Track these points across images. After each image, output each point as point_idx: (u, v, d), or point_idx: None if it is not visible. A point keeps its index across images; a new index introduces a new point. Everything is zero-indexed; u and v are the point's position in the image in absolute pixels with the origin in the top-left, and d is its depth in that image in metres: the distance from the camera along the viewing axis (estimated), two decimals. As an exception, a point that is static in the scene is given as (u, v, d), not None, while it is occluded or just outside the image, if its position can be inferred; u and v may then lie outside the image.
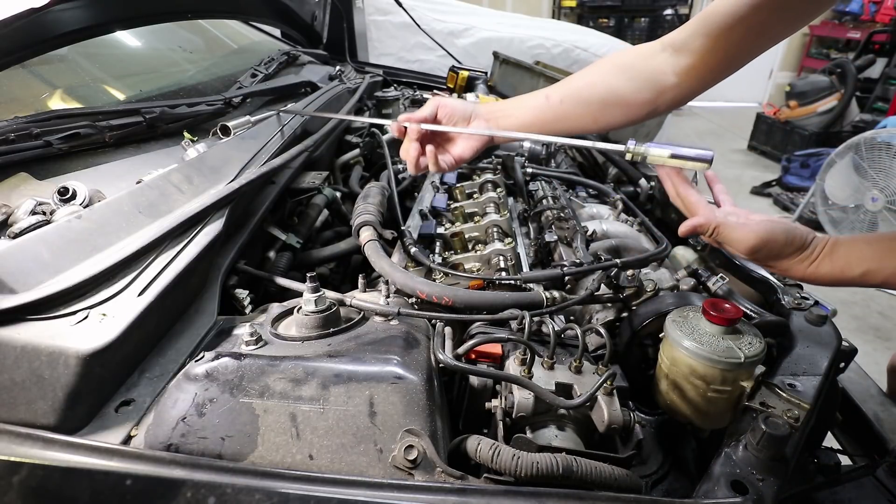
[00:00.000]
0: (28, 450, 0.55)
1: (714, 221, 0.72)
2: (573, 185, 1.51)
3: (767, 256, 0.71)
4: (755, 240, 0.70)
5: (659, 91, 0.86)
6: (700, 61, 0.81)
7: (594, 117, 0.89)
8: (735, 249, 0.72)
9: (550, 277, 0.91)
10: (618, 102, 0.88)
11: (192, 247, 0.77)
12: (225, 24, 1.92)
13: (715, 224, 0.72)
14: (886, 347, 2.71)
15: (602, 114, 0.89)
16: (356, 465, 0.56)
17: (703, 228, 0.73)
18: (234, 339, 0.71)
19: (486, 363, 0.74)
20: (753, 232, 0.70)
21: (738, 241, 0.71)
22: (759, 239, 0.70)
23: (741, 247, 0.71)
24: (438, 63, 3.47)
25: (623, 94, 0.87)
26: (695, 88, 0.86)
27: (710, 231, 0.73)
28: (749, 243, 0.70)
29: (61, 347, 0.58)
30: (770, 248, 0.70)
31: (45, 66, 1.16)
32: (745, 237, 0.70)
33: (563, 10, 7.03)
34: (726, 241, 0.72)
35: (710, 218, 0.73)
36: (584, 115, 0.89)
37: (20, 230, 0.73)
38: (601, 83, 0.88)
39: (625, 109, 0.88)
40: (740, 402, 0.66)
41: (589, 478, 0.56)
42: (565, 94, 0.88)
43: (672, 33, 0.84)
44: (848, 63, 5.04)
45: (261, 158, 1.02)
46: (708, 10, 0.78)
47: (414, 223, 1.11)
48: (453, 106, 0.88)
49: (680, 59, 0.83)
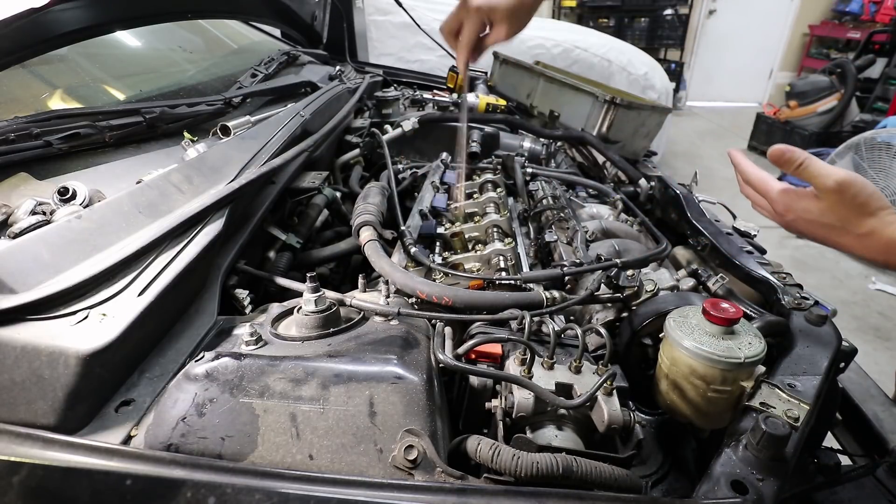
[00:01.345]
0: (28, 450, 0.55)
1: (804, 153, 0.67)
2: (573, 185, 1.51)
3: (852, 202, 0.64)
4: (846, 175, 0.64)
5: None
6: None
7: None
8: (822, 184, 0.65)
9: (550, 277, 0.91)
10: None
11: (192, 247, 0.77)
12: (225, 24, 1.92)
13: (805, 156, 0.66)
14: (886, 347, 2.72)
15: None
16: (356, 465, 0.56)
17: (793, 155, 0.67)
18: (234, 339, 0.71)
19: (486, 363, 0.74)
20: (844, 170, 0.64)
21: (827, 174, 0.64)
22: (849, 176, 0.64)
23: (829, 181, 0.64)
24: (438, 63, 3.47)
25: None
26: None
27: (798, 160, 0.66)
28: (838, 176, 0.64)
29: (61, 347, 0.58)
30: (858, 191, 0.64)
31: (45, 66, 1.16)
32: (835, 171, 0.64)
33: (563, 10, 7.03)
34: (815, 172, 0.66)
35: (798, 151, 0.67)
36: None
37: (20, 230, 0.73)
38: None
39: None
40: (740, 402, 0.66)
41: (589, 478, 0.56)
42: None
43: None
44: (848, 63, 5.04)
45: (261, 158, 1.02)
46: None
47: (414, 223, 1.11)
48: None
49: None
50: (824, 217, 0.67)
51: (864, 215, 0.64)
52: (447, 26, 0.93)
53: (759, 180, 0.75)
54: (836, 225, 0.67)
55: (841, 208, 0.65)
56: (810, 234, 0.71)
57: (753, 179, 0.76)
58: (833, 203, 0.66)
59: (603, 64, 3.87)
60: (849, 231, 0.66)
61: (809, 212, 0.68)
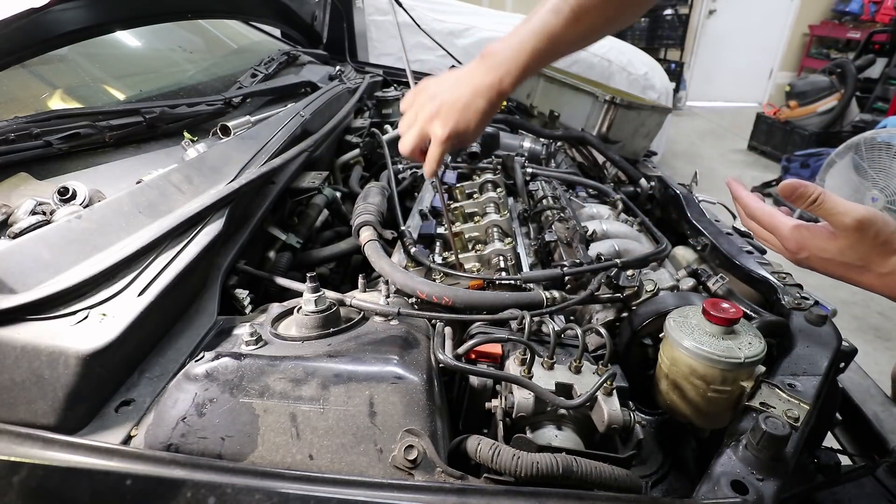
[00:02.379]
0: (28, 450, 0.55)
1: (818, 188, 0.62)
2: (573, 185, 1.51)
3: (874, 241, 0.60)
4: (865, 212, 0.59)
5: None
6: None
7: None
8: (840, 222, 0.61)
9: (550, 277, 0.91)
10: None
11: (192, 247, 0.77)
12: (225, 24, 1.92)
13: (819, 191, 0.62)
14: (886, 347, 2.72)
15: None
16: (356, 465, 0.56)
17: (806, 191, 0.62)
18: (234, 339, 0.71)
19: (486, 363, 0.74)
20: (862, 206, 0.60)
21: (845, 212, 0.60)
22: (869, 213, 0.59)
23: (848, 218, 0.60)
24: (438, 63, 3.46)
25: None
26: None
27: (813, 196, 0.62)
28: (857, 214, 0.59)
29: (61, 347, 0.58)
30: (879, 229, 0.59)
31: (45, 66, 1.16)
32: (853, 208, 0.60)
33: (563, 10, 7.02)
34: (831, 209, 0.61)
35: (812, 185, 0.63)
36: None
37: (20, 230, 0.73)
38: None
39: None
40: (740, 402, 0.66)
41: (589, 478, 0.56)
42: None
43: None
44: (848, 63, 5.04)
45: (261, 158, 1.02)
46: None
47: (414, 223, 1.11)
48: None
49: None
50: (843, 256, 0.63)
51: (888, 254, 0.60)
52: (411, 146, 0.83)
53: (765, 215, 0.69)
54: (857, 264, 0.62)
55: (861, 247, 0.61)
56: (827, 271, 0.66)
57: (759, 215, 0.70)
58: (853, 242, 0.61)
59: (603, 64, 3.87)
60: (871, 270, 0.62)
61: (826, 251, 0.63)
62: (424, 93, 0.83)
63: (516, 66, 0.80)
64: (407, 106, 0.86)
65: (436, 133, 0.80)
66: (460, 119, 0.79)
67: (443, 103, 0.80)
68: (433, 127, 0.80)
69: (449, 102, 0.79)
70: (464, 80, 0.81)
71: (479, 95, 0.79)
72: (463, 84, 0.81)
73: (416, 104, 0.83)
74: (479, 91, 0.79)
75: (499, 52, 0.81)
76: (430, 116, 0.80)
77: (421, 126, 0.81)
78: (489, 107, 0.81)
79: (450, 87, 0.81)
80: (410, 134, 0.82)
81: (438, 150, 0.81)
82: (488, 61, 0.81)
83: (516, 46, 0.80)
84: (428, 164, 0.83)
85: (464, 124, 0.79)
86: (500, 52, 0.81)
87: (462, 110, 0.79)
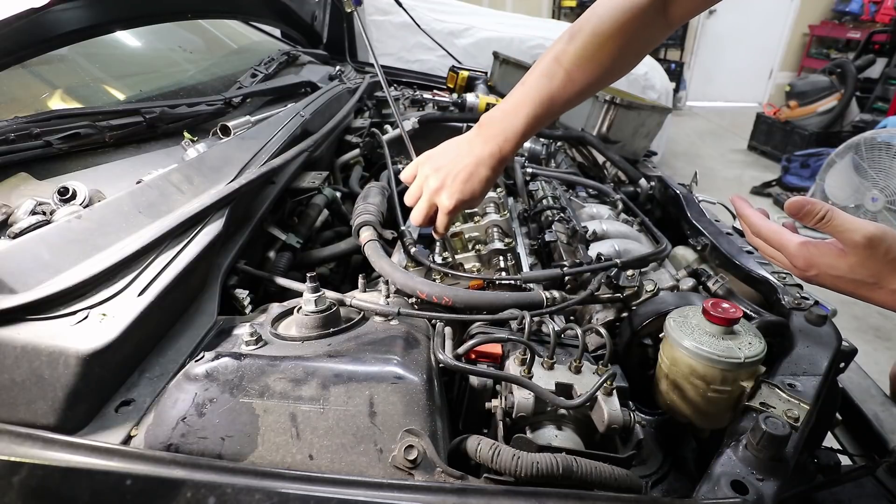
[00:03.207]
0: (28, 450, 0.55)
1: (825, 205, 0.62)
2: (573, 185, 1.51)
3: (885, 258, 0.59)
4: (875, 229, 0.59)
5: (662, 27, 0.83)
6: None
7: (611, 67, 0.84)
8: (850, 239, 0.60)
9: (550, 277, 0.91)
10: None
11: (192, 247, 0.77)
12: (225, 24, 1.92)
13: (827, 208, 0.61)
14: (886, 347, 2.72)
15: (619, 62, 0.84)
16: (356, 465, 0.56)
17: (814, 208, 0.62)
18: (234, 339, 0.71)
19: (486, 363, 0.74)
20: (871, 223, 0.59)
21: (854, 229, 0.59)
22: (879, 229, 0.59)
23: (858, 235, 0.59)
24: (438, 63, 3.47)
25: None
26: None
27: (821, 214, 0.61)
28: (867, 231, 0.59)
29: (61, 347, 0.58)
30: (890, 245, 0.59)
31: (45, 66, 1.16)
32: (863, 225, 0.59)
33: (563, 10, 7.03)
34: (840, 226, 0.61)
35: (819, 203, 0.62)
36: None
37: (20, 230, 0.73)
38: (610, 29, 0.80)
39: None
40: (740, 402, 0.66)
41: (589, 478, 0.56)
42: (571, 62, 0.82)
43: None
44: (848, 63, 5.04)
45: (261, 158, 1.02)
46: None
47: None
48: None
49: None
50: (854, 273, 0.62)
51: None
52: (421, 218, 0.88)
53: (771, 233, 0.68)
54: (868, 281, 0.61)
55: (872, 264, 0.60)
56: (837, 288, 0.65)
57: (765, 233, 0.69)
58: (863, 259, 0.60)
59: (603, 64, 3.86)
60: (882, 287, 0.61)
61: (836, 268, 0.62)
62: (428, 165, 0.87)
63: (514, 133, 0.83)
64: (409, 177, 0.89)
65: (443, 204, 0.85)
66: (465, 189, 0.84)
67: (447, 175, 0.84)
68: (440, 198, 0.85)
69: (453, 174, 0.84)
70: (464, 150, 0.85)
71: (481, 165, 0.84)
72: (464, 155, 0.85)
73: (421, 176, 0.87)
74: (481, 160, 0.84)
75: (496, 122, 0.84)
76: (436, 189, 0.85)
77: (428, 198, 0.86)
78: (492, 174, 0.85)
79: (452, 160, 0.85)
80: (420, 206, 0.87)
81: (447, 220, 0.87)
82: (486, 131, 0.85)
83: (512, 114, 0.83)
84: (438, 231, 0.89)
85: (469, 193, 0.84)
86: (497, 122, 0.84)
87: (466, 181, 0.84)
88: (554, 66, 0.83)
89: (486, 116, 0.87)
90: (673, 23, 0.84)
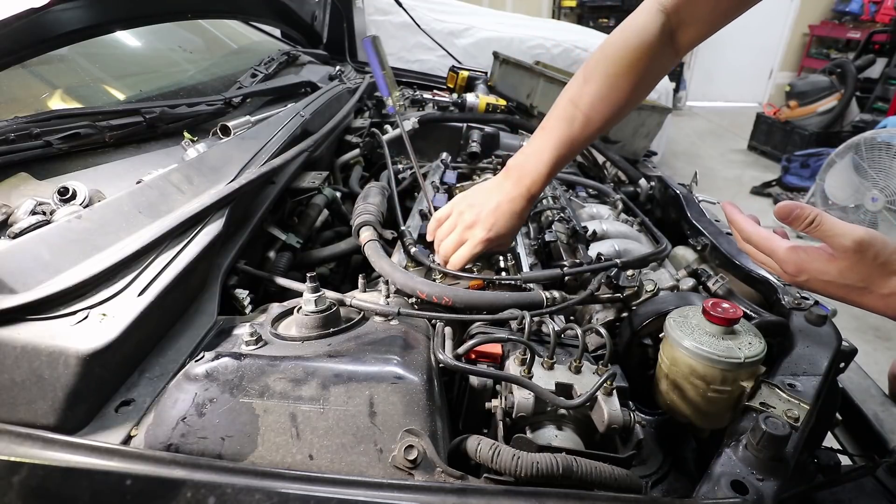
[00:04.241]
0: (28, 450, 0.54)
1: (814, 210, 0.62)
2: (573, 185, 1.51)
3: (874, 262, 0.59)
4: (864, 234, 0.59)
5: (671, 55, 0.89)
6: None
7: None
8: (839, 244, 0.60)
9: (550, 277, 0.91)
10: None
11: (192, 247, 0.77)
12: (225, 24, 1.92)
13: (816, 213, 0.62)
14: (886, 347, 2.72)
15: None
16: (356, 465, 0.56)
17: (802, 212, 0.62)
18: (234, 339, 0.71)
19: (486, 363, 0.74)
20: (861, 227, 0.59)
21: (843, 234, 0.59)
22: (868, 234, 0.59)
23: (847, 240, 0.59)
24: (438, 63, 3.47)
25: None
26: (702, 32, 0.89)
27: (809, 218, 0.62)
28: (856, 236, 0.59)
29: (61, 347, 0.58)
30: (879, 250, 0.59)
31: (45, 66, 1.16)
32: (852, 229, 0.59)
33: (563, 10, 7.02)
34: (829, 231, 0.61)
35: (808, 207, 0.62)
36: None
37: (20, 230, 0.73)
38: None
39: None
40: (740, 402, 0.66)
41: (589, 478, 0.56)
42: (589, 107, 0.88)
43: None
44: (848, 63, 5.05)
45: (261, 158, 1.02)
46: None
47: (414, 223, 1.11)
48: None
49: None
50: (843, 278, 0.62)
51: (888, 275, 0.60)
52: (451, 249, 0.92)
53: (760, 239, 0.68)
54: (858, 286, 0.62)
55: (862, 268, 0.60)
56: (827, 293, 0.66)
57: (755, 238, 0.69)
58: (853, 263, 0.60)
59: (603, 64, 3.87)
60: (872, 291, 0.61)
61: (826, 273, 0.62)
62: (462, 202, 0.95)
63: (539, 175, 0.90)
64: (445, 216, 0.96)
65: (476, 236, 0.90)
66: (497, 222, 0.90)
67: (481, 210, 0.91)
68: (474, 231, 0.90)
69: (488, 209, 0.91)
70: (495, 191, 0.93)
71: (513, 202, 0.91)
72: (496, 194, 0.92)
73: (455, 212, 0.94)
74: (513, 199, 0.91)
75: (522, 166, 0.92)
76: (470, 223, 0.91)
77: (461, 232, 0.91)
78: (523, 211, 0.92)
79: (485, 199, 0.92)
80: (451, 238, 0.92)
81: (474, 251, 0.90)
82: (514, 174, 0.92)
83: (536, 158, 0.90)
84: (458, 260, 0.92)
85: (502, 226, 0.91)
86: (523, 166, 0.92)
87: (501, 215, 0.90)
88: (571, 110, 0.88)
89: (513, 161, 0.94)
90: (681, 51, 0.90)
